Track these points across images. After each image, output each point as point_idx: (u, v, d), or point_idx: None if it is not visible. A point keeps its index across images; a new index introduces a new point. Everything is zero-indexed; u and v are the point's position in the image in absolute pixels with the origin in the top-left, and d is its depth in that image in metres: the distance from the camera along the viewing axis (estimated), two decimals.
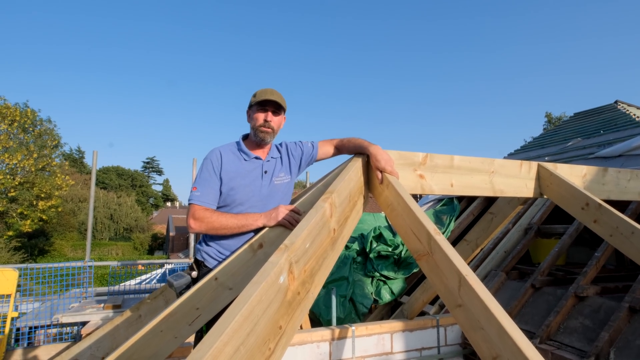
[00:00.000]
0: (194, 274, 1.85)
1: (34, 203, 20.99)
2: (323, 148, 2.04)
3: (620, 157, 4.40)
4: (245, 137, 2.03)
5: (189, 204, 1.81)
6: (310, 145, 2.04)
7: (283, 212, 1.70)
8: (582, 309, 2.97)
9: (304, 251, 1.08)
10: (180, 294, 1.72)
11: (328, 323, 3.99)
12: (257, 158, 1.94)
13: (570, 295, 3.03)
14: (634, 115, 5.77)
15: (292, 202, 1.99)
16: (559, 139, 6.52)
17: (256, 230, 1.77)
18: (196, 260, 1.91)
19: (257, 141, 1.93)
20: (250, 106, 1.95)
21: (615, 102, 6.77)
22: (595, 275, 3.20)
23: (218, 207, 1.88)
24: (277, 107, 1.92)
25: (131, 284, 5.59)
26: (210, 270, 1.79)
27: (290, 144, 2.07)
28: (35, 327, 4.15)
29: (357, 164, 1.60)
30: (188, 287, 1.77)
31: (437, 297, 3.94)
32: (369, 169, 1.68)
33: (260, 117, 1.89)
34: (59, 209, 23.63)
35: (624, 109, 6.30)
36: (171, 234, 33.82)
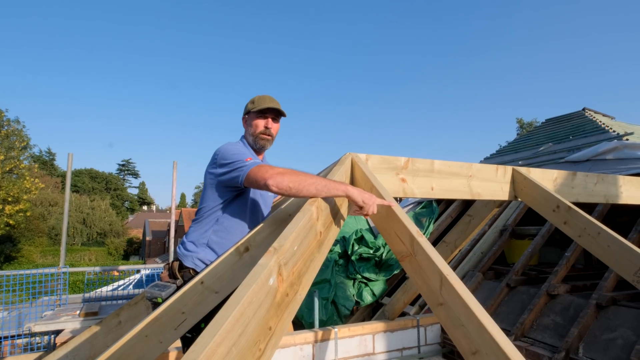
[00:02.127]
0: (179, 282, 1.67)
1: (1, 207, 20.00)
2: None
3: (588, 161, 4.63)
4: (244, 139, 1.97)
5: (254, 167, 1.56)
6: None
7: (376, 202, 1.46)
8: (553, 307, 3.11)
9: (292, 253, 1.10)
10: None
11: (310, 325, 4.01)
12: None
13: (542, 293, 3.17)
14: (600, 122, 6.09)
15: (278, 204, 2.02)
16: (531, 143, 6.80)
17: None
18: (182, 267, 1.71)
19: (256, 148, 1.91)
20: (248, 112, 1.91)
21: (583, 109, 7.11)
22: (565, 275, 3.36)
23: (233, 197, 1.75)
24: (276, 114, 1.92)
25: (105, 290, 5.42)
26: None
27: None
28: (1, 338, 3.97)
29: (342, 168, 1.64)
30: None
31: (417, 298, 4.02)
32: (354, 173, 1.72)
33: (261, 124, 1.87)
34: (28, 214, 22.59)
35: (591, 116, 6.63)
36: (148, 238, 32.95)
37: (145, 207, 58.58)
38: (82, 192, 45.77)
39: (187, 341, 1.67)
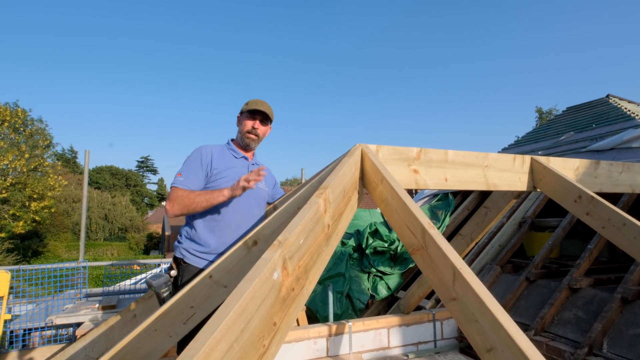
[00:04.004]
0: (173, 272, 1.88)
1: (27, 204, 20.74)
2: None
3: (612, 150, 4.43)
4: (232, 140, 2.17)
5: (171, 187, 1.85)
6: (281, 189, 2.32)
7: (243, 179, 1.77)
8: (575, 301, 3.00)
9: (298, 247, 1.07)
10: (162, 294, 1.74)
11: (325, 319, 4.00)
12: (244, 158, 2.08)
13: (563, 287, 3.06)
14: (626, 109, 5.81)
15: (286, 199, 2.00)
16: (551, 133, 6.56)
17: (250, 228, 1.85)
18: (175, 258, 1.93)
19: (243, 145, 2.09)
20: (241, 112, 2.09)
21: (607, 96, 6.81)
22: (588, 267, 3.24)
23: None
24: (265, 117, 2.08)
25: (127, 284, 5.55)
26: (190, 266, 1.87)
27: (270, 172, 2.30)
28: (30, 329, 4.11)
29: (352, 159, 1.60)
30: (167, 285, 1.80)
31: (433, 292, 3.96)
32: (364, 164, 1.67)
33: (249, 124, 2.05)
34: (52, 210, 23.38)
35: (616, 102, 6.34)
36: (167, 233, 33.59)
37: (164, 203, 59.63)
38: (104, 188, 47.00)
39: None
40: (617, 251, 4.33)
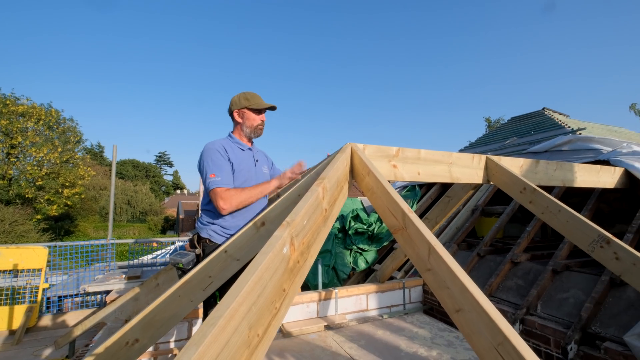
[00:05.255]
0: (198, 251, 1.74)
1: (60, 190, 20.04)
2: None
3: (547, 152, 4.53)
4: (232, 132, 2.01)
5: (212, 189, 1.66)
6: (277, 168, 2.19)
7: (289, 172, 1.84)
8: (516, 272, 3.08)
9: (302, 226, 1.06)
10: (185, 272, 1.61)
11: (315, 287, 4.02)
12: (249, 149, 1.97)
13: (507, 261, 3.14)
14: (557, 119, 5.96)
15: (288, 187, 1.98)
16: (498, 138, 6.68)
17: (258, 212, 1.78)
18: (199, 238, 1.78)
19: (250, 137, 1.96)
20: (244, 108, 1.93)
21: (543, 109, 6.96)
22: (526, 246, 3.33)
23: None
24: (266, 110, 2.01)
25: (148, 258, 5.44)
26: (215, 244, 1.75)
27: (267, 155, 2.18)
28: (63, 296, 4.01)
29: (344, 155, 1.59)
30: (193, 263, 1.68)
31: (403, 265, 4.01)
32: (353, 159, 1.66)
33: (258, 119, 1.94)
34: (82, 196, 22.67)
35: (550, 114, 6.49)
36: (181, 216, 33.08)
37: (178, 191, 58.61)
38: (127, 178, 45.77)
39: (205, 304, 1.68)
40: (547, 232, 4.47)
